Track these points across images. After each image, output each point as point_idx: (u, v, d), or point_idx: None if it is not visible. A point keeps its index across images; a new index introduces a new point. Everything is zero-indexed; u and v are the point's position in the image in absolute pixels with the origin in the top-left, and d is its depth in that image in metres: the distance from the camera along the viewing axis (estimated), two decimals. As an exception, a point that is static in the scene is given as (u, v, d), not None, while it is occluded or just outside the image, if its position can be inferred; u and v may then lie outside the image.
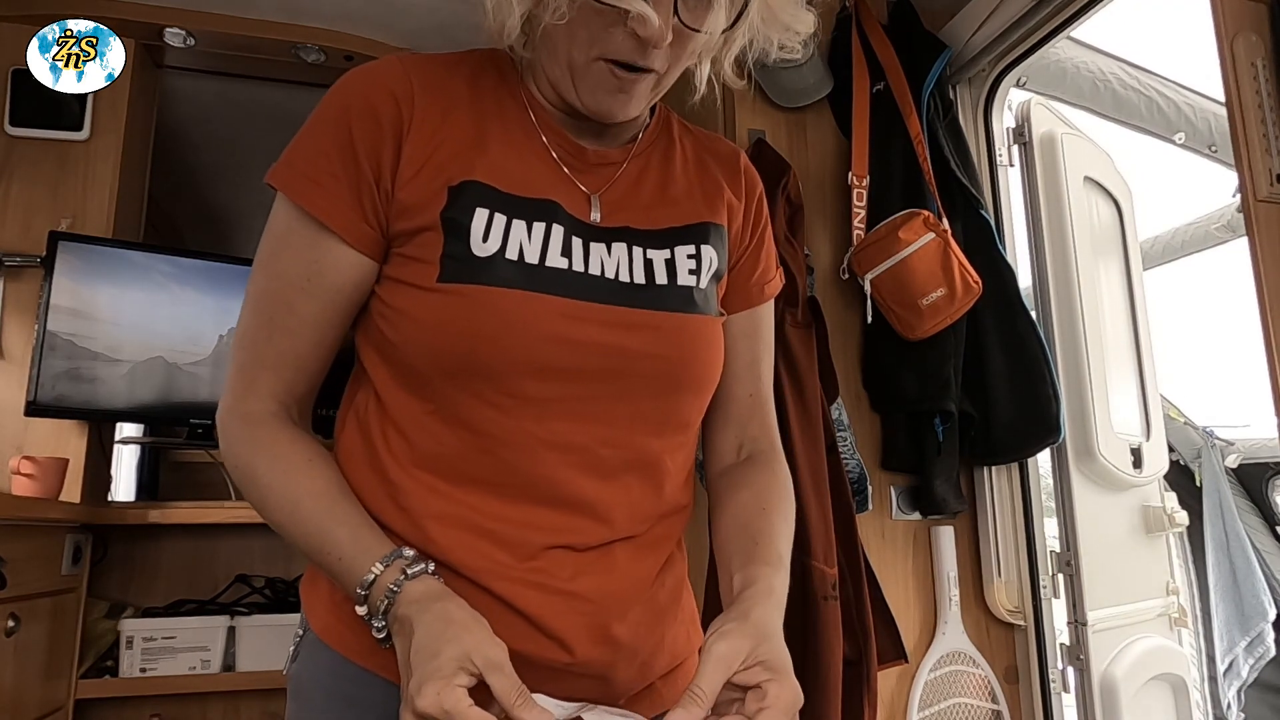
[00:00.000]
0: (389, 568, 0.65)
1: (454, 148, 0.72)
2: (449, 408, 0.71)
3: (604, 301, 0.72)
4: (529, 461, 0.70)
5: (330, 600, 0.74)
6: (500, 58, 0.79)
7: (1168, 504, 1.97)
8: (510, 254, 0.70)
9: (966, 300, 1.61)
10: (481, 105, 0.75)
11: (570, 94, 0.72)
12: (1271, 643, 2.54)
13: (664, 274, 0.75)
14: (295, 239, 0.72)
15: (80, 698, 1.76)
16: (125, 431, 2.52)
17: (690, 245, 0.78)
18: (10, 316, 1.87)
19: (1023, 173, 1.89)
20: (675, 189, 0.80)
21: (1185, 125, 2.25)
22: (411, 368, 0.72)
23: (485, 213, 0.70)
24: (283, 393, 0.74)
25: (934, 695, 1.67)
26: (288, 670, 0.77)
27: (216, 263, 2.07)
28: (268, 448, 0.72)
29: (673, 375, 0.74)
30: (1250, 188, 1.11)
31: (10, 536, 1.50)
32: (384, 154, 0.71)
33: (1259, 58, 1.14)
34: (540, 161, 0.75)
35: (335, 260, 0.72)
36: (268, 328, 0.73)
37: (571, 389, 0.70)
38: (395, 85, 0.72)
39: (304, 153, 0.73)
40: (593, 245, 0.74)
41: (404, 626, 0.62)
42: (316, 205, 0.71)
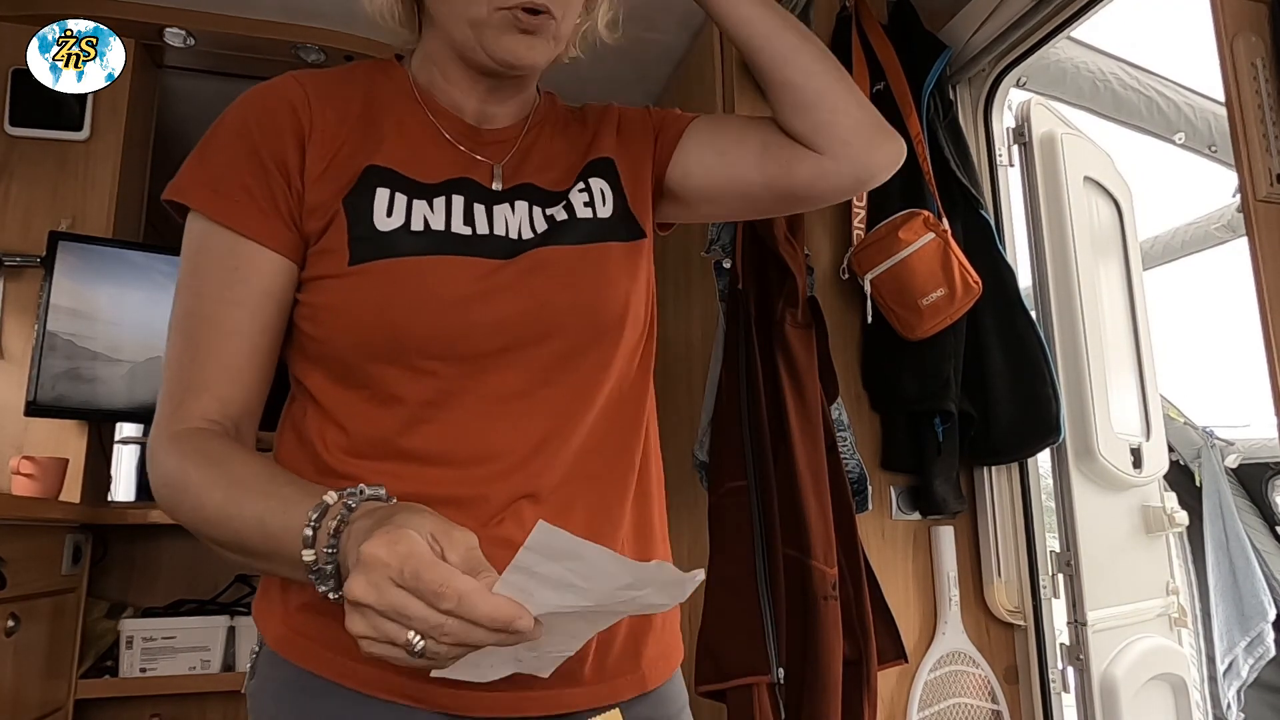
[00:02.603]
0: (342, 495, 0.57)
1: (353, 146, 0.74)
2: (384, 388, 0.71)
3: (509, 255, 0.74)
4: (474, 419, 0.71)
5: (284, 611, 0.72)
6: (388, 66, 0.84)
7: (1168, 504, 1.97)
8: (415, 225, 0.72)
9: (966, 300, 1.61)
10: (376, 105, 0.78)
11: (477, 53, 0.75)
12: (1271, 643, 2.54)
13: (563, 215, 0.79)
14: (212, 253, 0.71)
15: (80, 698, 1.76)
16: (125, 431, 2.52)
17: (582, 183, 0.82)
18: (10, 316, 1.87)
19: (1023, 173, 1.89)
20: (565, 155, 0.84)
21: (1185, 125, 2.25)
22: (339, 359, 0.72)
23: (386, 192, 0.73)
24: (216, 413, 0.70)
25: (934, 695, 1.67)
26: (246, 688, 0.74)
27: (216, 263, 2.07)
28: (198, 452, 0.66)
29: (588, 305, 0.75)
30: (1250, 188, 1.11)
31: (10, 536, 1.50)
32: (289, 157, 0.72)
33: (1259, 58, 1.14)
34: (438, 148, 0.78)
35: (256, 265, 0.71)
36: (192, 349, 0.71)
37: (498, 341, 0.71)
38: (291, 95, 0.75)
39: (208, 166, 0.73)
40: (495, 209, 0.76)
41: (355, 533, 0.53)
42: (229, 214, 0.71)
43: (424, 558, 0.48)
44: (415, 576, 0.47)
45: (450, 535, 0.50)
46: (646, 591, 0.51)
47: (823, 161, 0.84)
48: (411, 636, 0.48)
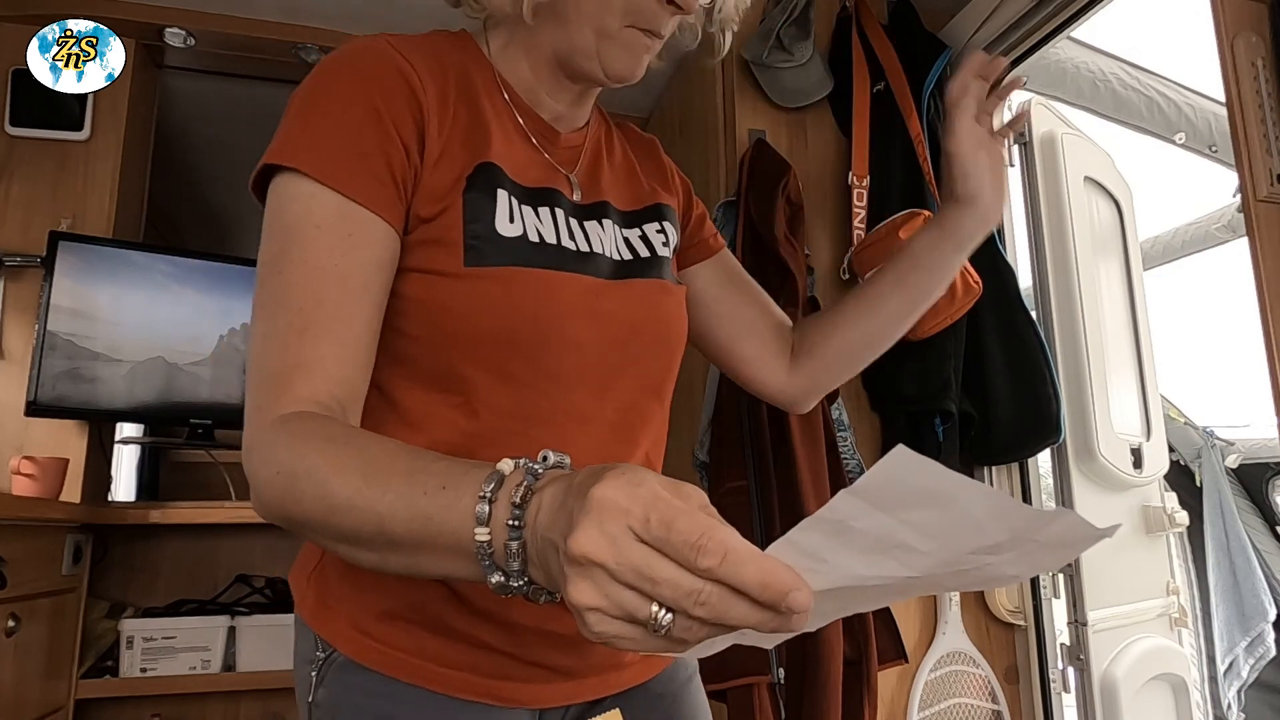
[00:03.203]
0: (521, 462, 0.47)
1: (463, 135, 0.71)
2: (479, 395, 0.68)
3: (611, 276, 0.75)
4: (556, 436, 0.71)
5: (359, 620, 0.70)
6: (466, 42, 0.80)
7: (1168, 504, 1.97)
8: (531, 236, 0.71)
9: (966, 300, 1.61)
10: (468, 91, 0.74)
11: (590, 61, 0.74)
12: (1271, 643, 2.54)
13: (644, 249, 0.81)
14: (319, 219, 0.63)
15: (80, 698, 1.76)
16: (125, 431, 2.52)
17: (656, 223, 0.84)
18: (10, 316, 1.87)
19: (1023, 173, 1.89)
20: (625, 173, 0.86)
21: (1185, 125, 2.25)
22: (437, 360, 0.68)
23: (505, 195, 0.71)
24: (326, 395, 0.60)
25: (934, 695, 1.67)
26: (313, 698, 0.71)
27: (216, 263, 2.07)
28: (318, 434, 0.56)
29: (666, 337, 0.79)
30: (1250, 188, 1.11)
31: (10, 536, 1.50)
32: (407, 130, 0.67)
33: (1259, 58, 1.14)
34: (527, 150, 0.77)
35: (369, 234, 0.64)
36: (300, 324, 0.60)
37: (591, 361, 0.72)
38: (402, 65, 0.69)
39: (314, 128, 0.66)
40: (586, 224, 0.77)
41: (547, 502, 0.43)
42: (342, 178, 0.63)
43: (673, 503, 0.37)
44: (665, 525, 0.36)
45: (681, 488, 0.39)
46: (1010, 556, 0.38)
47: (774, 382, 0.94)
48: (656, 610, 0.37)
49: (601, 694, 0.76)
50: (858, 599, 0.43)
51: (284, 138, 0.66)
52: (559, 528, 0.40)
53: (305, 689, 0.72)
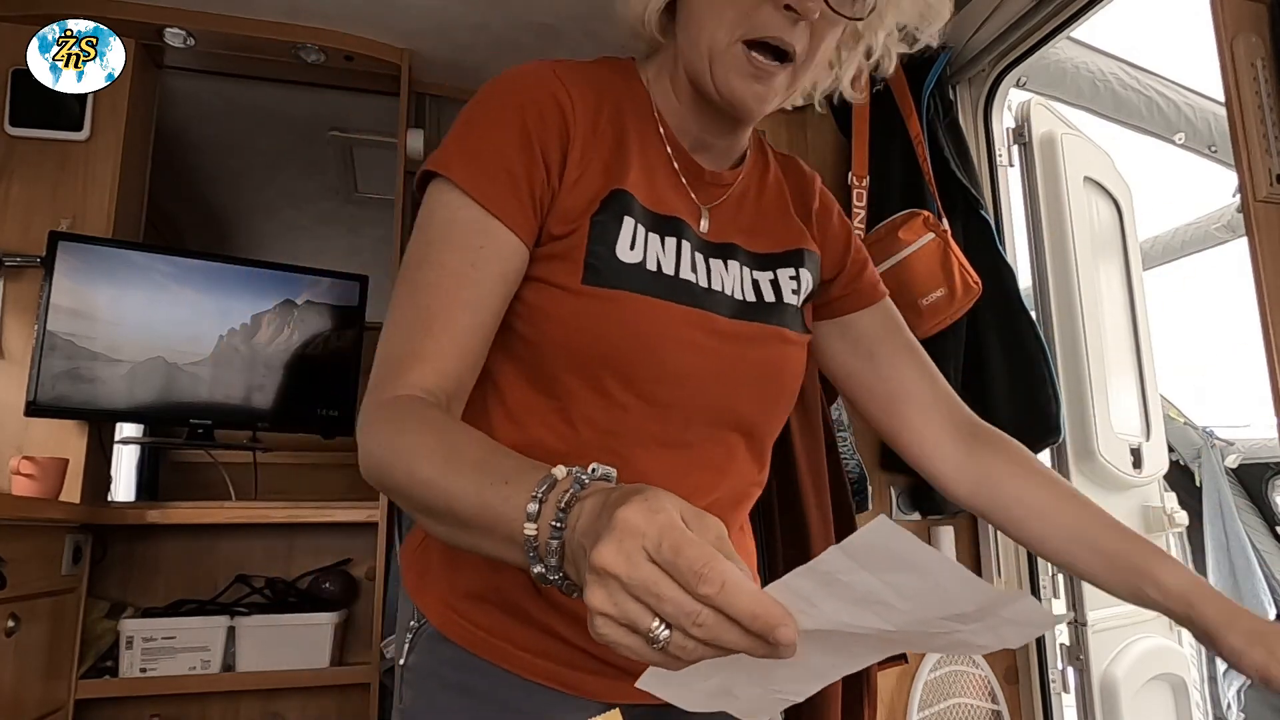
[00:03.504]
0: (572, 471, 0.51)
1: (603, 162, 0.75)
2: (576, 405, 0.73)
3: (726, 314, 0.77)
4: (645, 459, 0.73)
5: (448, 596, 0.76)
6: (628, 70, 0.83)
7: (1168, 504, 1.97)
8: (650, 265, 0.73)
9: (966, 301, 1.61)
10: (620, 119, 0.78)
11: (706, 82, 0.74)
12: (1271, 643, 2.54)
13: (771, 293, 0.81)
14: (460, 227, 0.70)
15: (80, 698, 1.75)
16: (125, 431, 2.52)
17: (790, 268, 0.83)
18: (10, 316, 1.87)
19: (1023, 173, 1.89)
20: (772, 214, 0.85)
21: (1185, 125, 2.25)
22: (543, 365, 0.73)
23: (631, 222, 0.73)
24: (432, 384, 0.66)
25: (934, 695, 1.67)
26: (404, 661, 0.79)
27: (216, 263, 2.07)
28: (415, 417, 0.62)
29: (774, 385, 0.80)
30: (1250, 188, 1.11)
31: (10, 536, 1.50)
32: (553, 154, 0.72)
33: (1259, 58, 1.14)
34: (668, 177, 0.79)
35: (500, 247, 0.70)
36: (425, 319, 0.67)
37: (690, 392, 0.74)
38: (558, 92, 0.74)
39: (472, 144, 0.72)
40: (712, 261, 0.78)
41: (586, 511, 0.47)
42: (487, 193, 0.69)
43: (685, 533, 0.41)
44: (674, 551, 0.40)
45: (702, 519, 0.43)
46: (976, 627, 0.42)
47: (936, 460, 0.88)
48: (655, 625, 0.41)
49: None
50: (843, 653, 0.46)
51: (445, 147, 0.73)
52: (590, 537, 0.44)
53: (400, 652, 0.79)
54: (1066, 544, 0.82)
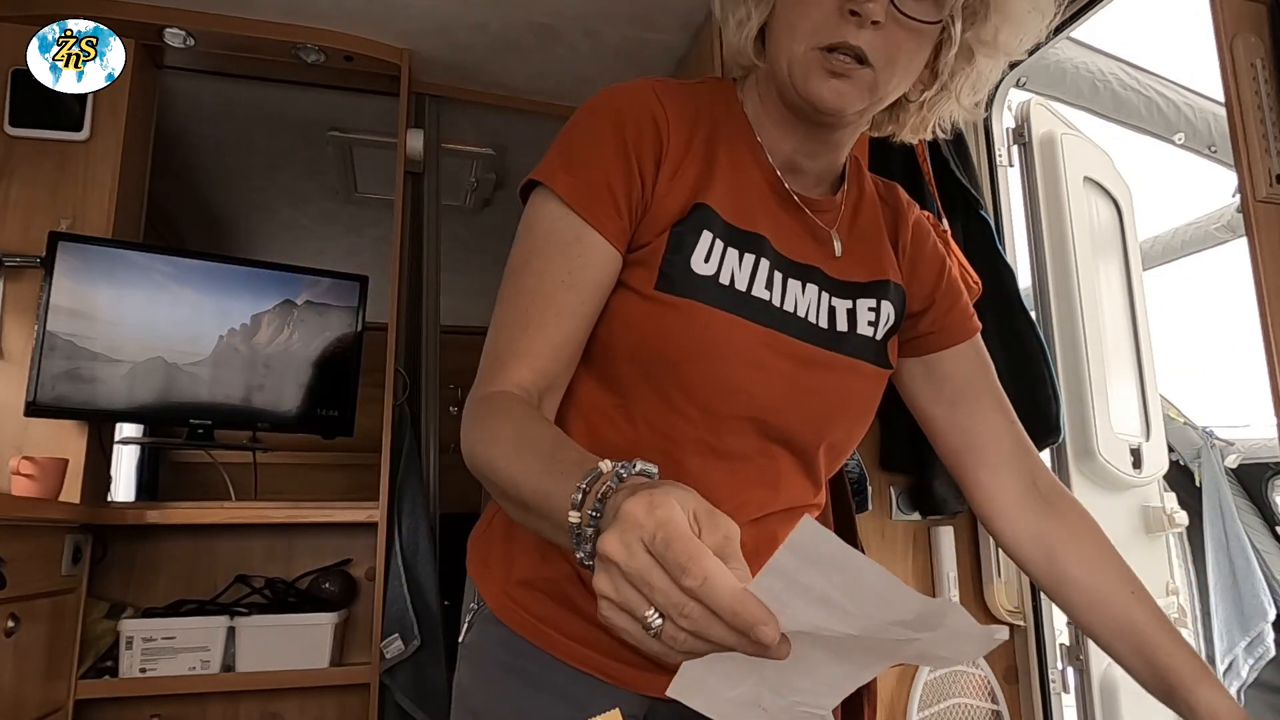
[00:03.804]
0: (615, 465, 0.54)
1: (694, 173, 0.78)
2: (638, 406, 0.76)
3: (795, 336, 0.78)
4: (700, 467, 0.76)
5: (504, 582, 0.80)
6: (727, 91, 0.86)
7: (1167, 504, 1.97)
8: (723, 279, 0.76)
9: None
10: (714, 136, 0.81)
11: (789, 90, 0.77)
12: (1271, 643, 2.54)
13: (845, 322, 0.82)
14: (560, 236, 0.74)
15: (80, 698, 1.76)
16: (125, 431, 2.52)
17: (872, 299, 0.84)
18: (10, 316, 1.87)
19: (1023, 173, 1.89)
20: (862, 241, 0.87)
21: (1185, 125, 2.25)
22: (611, 364, 0.77)
23: (709, 235, 0.76)
24: (528, 382, 0.72)
25: (934, 695, 1.67)
26: (462, 639, 0.83)
27: (216, 263, 2.07)
28: (503, 409, 0.69)
29: (835, 412, 0.81)
30: (1250, 188, 1.11)
31: (10, 536, 1.50)
32: (648, 166, 0.76)
33: (1259, 58, 1.14)
34: (757, 195, 0.81)
35: (596, 256, 0.74)
36: (524, 321, 0.73)
37: (750, 409, 0.76)
38: (656, 110, 0.78)
39: (573, 156, 0.76)
40: (790, 282, 0.80)
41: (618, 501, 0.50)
42: (587, 204, 0.74)
43: (678, 528, 0.43)
44: (665, 544, 0.42)
45: (714, 518, 0.45)
46: (928, 637, 0.42)
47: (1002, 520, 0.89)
48: (649, 613, 0.43)
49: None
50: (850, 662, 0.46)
51: (549, 159, 0.77)
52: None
53: (461, 631, 0.84)
54: (1114, 638, 0.81)
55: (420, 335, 2.38)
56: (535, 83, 2.39)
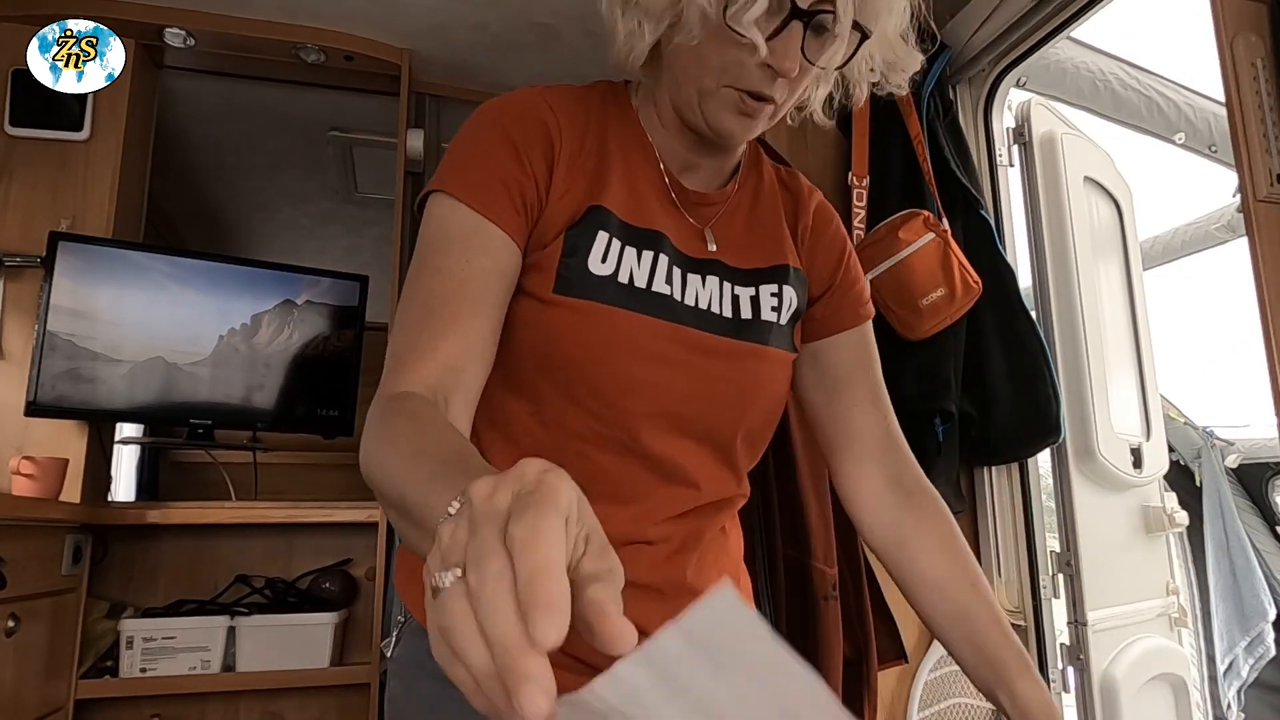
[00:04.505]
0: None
1: (587, 177, 0.79)
2: (549, 410, 0.76)
3: (697, 327, 0.78)
4: (617, 466, 0.77)
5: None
6: (619, 95, 0.87)
7: (1168, 504, 1.97)
8: (622, 277, 0.76)
9: (966, 300, 1.61)
10: (606, 138, 0.82)
11: (695, 115, 0.78)
12: (1271, 643, 2.54)
13: (749, 309, 0.82)
14: (456, 231, 0.73)
15: (80, 698, 1.75)
16: (125, 431, 2.52)
17: (773, 284, 0.84)
18: (10, 316, 1.87)
19: (1023, 173, 1.89)
20: (760, 230, 0.87)
21: (1185, 125, 2.25)
22: (518, 371, 0.76)
23: (605, 236, 0.76)
24: (434, 382, 0.67)
25: (934, 695, 1.67)
26: (391, 654, 0.83)
27: (216, 263, 2.07)
28: (404, 413, 0.62)
29: (747, 399, 0.81)
30: (1250, 188, 1.11)
31: (10, 536, 1.50)
32: (539, 168, 0.76)
33: (1259, 58, 1.14)
34: (653, 194, 0.82)
35: (495, 245, 0.73)
36: (425, 316, 0.70)
37: (660, 404, 0.77)
38: (545, 115, 0.79)
39: (465, 162, 0.76)
40: (690, 276, 0.80)
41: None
42: (479, 198, 0.73)
43: (554, 491, 0.35)
44: (528, 494, 0.35)
45: (596, 527, 0.38)
46: None
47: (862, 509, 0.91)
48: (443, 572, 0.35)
49: None
50: None
51: (440, 169, 0.77)
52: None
53: (389, 645, 0.84)
54: (949, 626, 0.84)
55: (420, 335, 2.38)
56: (535, 83, 2.38)
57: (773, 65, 0.71)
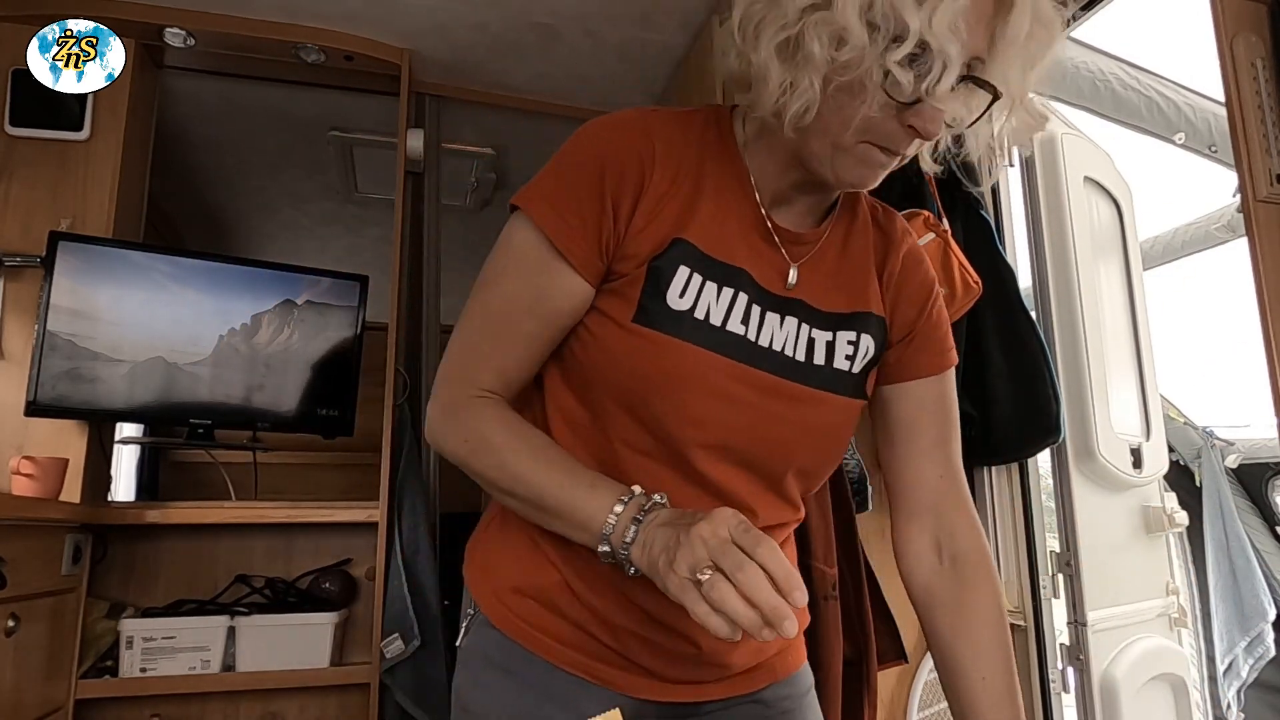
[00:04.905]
0: (643, 492, 0.73)
1: (676, 208, 0.80)
2: (614, 428, 0.80)
3: (766, 370, 0.80)
4: (676, 482, 0.79)
5: (496, 589, 0.85)
6: (723, 123, 0.86)
7: (1168, 504, 1.96)
8: (699, 313, 0.78)
9: (966, 300, 1.61)
10: (702, 169, 0.82)
11: (824, 168, 0.78)
12: (1271, 643, 2.54)
13: (823, 355, 0.83)
14: (530, 262, 0.79)
15: (80, 698, 1.76)
16: (125, 431, 2.52)
17: (851, 332, 0.85)
18: (10, 316, 1.87)
19: (1023, 173, 1.89)
20: (848, 272, 0.87)
21: (1185, 125, 2.25)
22: (588, 388, 0.81)
23: (686, 270, 0.79)
24: (497, 387, 0.81)
25: (934, 695, 1.67)
26: (460, 643, 0.88)
27: (216, 263, 2.07)
28: (497, 419, 0.79)
29: (802, 441, 0.83)
30: (1250, 188, 1.11)
31: (10, 536, 1.50)
32: (624, 205, 0.79)
33: (1259, 58, 1.14)
34: (742, 229, 0.82)
35: (563, 287, 0.79)
36: (490, 337, 0.81)
37: (714, 436, 0.79)
38: (642, 147, 0.80)
39: (555, 187, 0.80)
40: (768, 315, 0.82)
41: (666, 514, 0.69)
42: (560, 235, 0.78)
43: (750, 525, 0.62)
44: (744, 528, 0.62)
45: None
46: None
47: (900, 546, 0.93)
48: (704, 572, 0.60)
49: (698, 699, 0.85)
50: None
51: (535, 184, 0.81)
52: (672, 528, 0.65)
53: (457, 635, 0.89)
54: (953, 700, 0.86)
55: (420, 335, 2.38)
56: (535, 83, 2.39)
57: (917, 127, 0.72)
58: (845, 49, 0.69)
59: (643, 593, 0.78)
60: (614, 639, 0.82)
